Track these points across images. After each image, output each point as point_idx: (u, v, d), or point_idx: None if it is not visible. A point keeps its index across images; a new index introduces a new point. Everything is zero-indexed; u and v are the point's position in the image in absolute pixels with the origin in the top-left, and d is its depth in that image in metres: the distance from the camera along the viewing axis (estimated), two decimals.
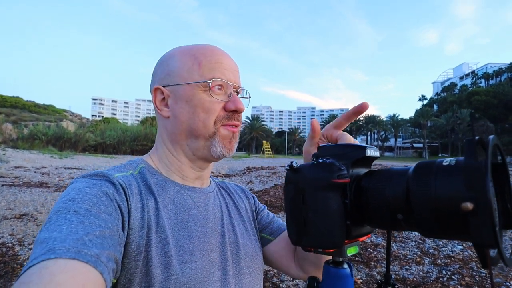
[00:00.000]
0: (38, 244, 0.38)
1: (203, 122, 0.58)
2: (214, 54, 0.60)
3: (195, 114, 0.58)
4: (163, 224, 0.53)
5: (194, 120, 0.58)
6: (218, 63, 0.59)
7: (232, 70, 0.61)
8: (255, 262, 0.65)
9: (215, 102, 0.58)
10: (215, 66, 0.59)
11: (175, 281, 0.49)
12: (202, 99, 0.57)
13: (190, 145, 0.60)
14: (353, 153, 0.39)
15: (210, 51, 0.60)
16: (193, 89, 0.58)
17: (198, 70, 0.58)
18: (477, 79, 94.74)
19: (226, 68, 0.60)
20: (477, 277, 3.20)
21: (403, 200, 0.33)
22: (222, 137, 0.59)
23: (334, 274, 0.40)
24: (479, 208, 0.26)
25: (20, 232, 4.32)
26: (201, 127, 0.58)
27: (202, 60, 0.58)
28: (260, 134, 67.78)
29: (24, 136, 23.99)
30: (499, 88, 65.40)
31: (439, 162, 0.32)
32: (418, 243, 4.32)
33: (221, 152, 0.59)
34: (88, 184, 0.49)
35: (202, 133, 0.58)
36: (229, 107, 0.59)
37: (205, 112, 0.58)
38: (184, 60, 0.59)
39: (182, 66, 0.59)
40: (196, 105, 0.57)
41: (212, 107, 0.58)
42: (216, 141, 0.59)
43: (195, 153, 0.60)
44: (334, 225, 0.36)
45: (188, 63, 0.59)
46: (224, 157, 0.61)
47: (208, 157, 0.60)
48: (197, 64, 0.58)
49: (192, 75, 0.58)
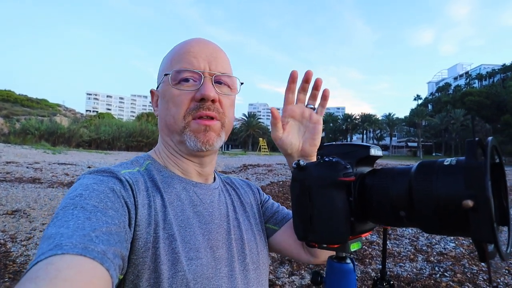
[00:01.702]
0: (45, 240, 0.38)
1: (173, 117, 0.58)
2: (186, 45, 0.59)
3: (168, 109, 0.58)
4: (170, 220, 0.53)
5: (167, 116, 0.59)
6: (186, 53, 0.58)
7: (203, 57, 0.58)
8: (260, 258, 0.65)
9: (182, 94, 0.57)
10: (183, 57, 0.58)
11: (182, 278, 0.50)
12: (172, 93, 0.58)
13: (173, 140, 0.61)
14: (358, 152, 0.41)
15: (184, 44, 0.60)
16: (166, 85, 0.59)
17: (170, 66, 0.59)
18: (470, 80, 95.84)
19: (195, 56, 0.57)
20: (469, 274, 3.27)
21: (405, 198, 0.34)
22: (194, 131, 0.57)
23: (337, 269, 0.41)
24: (479, 205, 0.27)
25: (12, 228, 4.27)
26: (172, 122, 0.58)
27: (174, 55, 0.59)
28: (257, 131, 67.70)
29: (16, 130, 23.64)
30: (492, 89, 66.30)
31: (440, 161, 0.33)
32: (412, 240, 4.39)
33: (196, 146, 0.57)
34: (95, 180, 0.49)
35: (174, 128, 0.58)
36: (196, 96, 0.56)
37: (175, 106, 0.57)
38: (165, 60, 0.62)
39: (163, 66, 0.62)
40: (168, 100, 0.58)
41: (180, 100, 0.57)
42: (187, 135, 0.57)
43: (179, 148, 0.61)
44: (339, 221, 0.37)
45: (167, 62, 0.61)
46: (204, 150, 0.58)
47: (189, 151, 0.60)
48: (169, 61, 0.59)
49: (165, 71, 0.59)
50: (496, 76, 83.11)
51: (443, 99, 77.06)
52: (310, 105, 0.64)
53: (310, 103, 0.64)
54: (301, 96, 0.64)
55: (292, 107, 0.63)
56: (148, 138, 28.02)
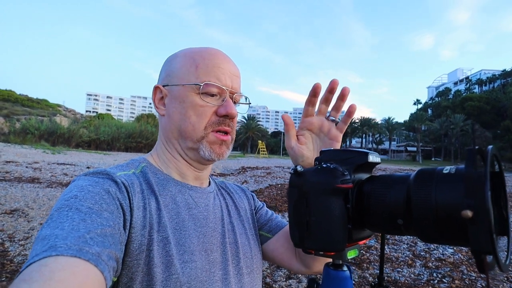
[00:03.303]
0: (40, 241, 0.38)
1: (193, 125, 0.58)
2: (213, 58, 0.60)
3: (186, 115, 0.58)
4: (165, 223, 0.53)
5: (185, 122, 0.58)
6: (215, 67, 0.59)
7: (229, 75, 0.60)
8: (254, 262, 0.65)
9: (207, 106, 0.58)
10: (212, 70, 0.59)
11: (176, 281, 0.50)
12: (194, 101, 0.58)
13: (182, 144, 0.61)
14: (356, 159, 0.40)
15: (210, 55, 0.60)
16: (187, 91, 0.58)
17: (194, 73, 0.58)
18: (471, 85, 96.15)
19: (224, 72, 0.59)
20: (467, 280, 3.26)
21: (403, 206, 0.34)
22: (210, 142, 0.59)
23: (334, 277, 0.41)
24: (478, 216, 0.27)
25: (11, 228, 4.25)
26: (191, 130, 0.58)
27: (200, 63, 0.59)
28: (256, 134, 67.72)
29: (16, 130, 23.60)
30: (492, 94, 66.51)
31: (439, 170, 0.33)
32: (410, 246, 4.38)
33: (210, 156, 0.59)
34: (91, 182, 0.49)
35: (190, 135, 0.59)
36: (220, 112, 0.59)
37: (197, 115, 0.58)
38: (184, 62, 0.60)
39: (181, 67, 0.60)
40: (188, 107, 0.58)
41: (204, 111, 0.58)
42: (203, 145, 0.59)
43: (186, 152, 0.61)
44: (336, 228, 0.37)
45: (186, 65, 0.60)
46: (216, 161, 0.60)
47: (198, 158, 0.61)
48: (194, 67, 0.59)
49: (189, 77, 0.59)
50: (496, 82, 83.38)
51: (443, 104, 77.27)
52: (332, 117, 0.60)
53: (332, 115, 0.60)
54: (322, 107, 0.60)
55: (311, 119, 0.60)
56: (147, 139, 27.98)
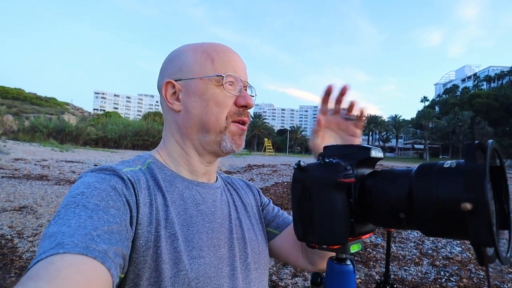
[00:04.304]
0: (47, 238, 0.38)
1: (215, 116, 0.59)
2: (225, 51, 0.62)
3: (207, 108, 0.59)
4: (172, 219, 0.53)
5: (207, 114, 0.59)
6: (230, 60, 0.61)
7: (241, 68, 0.63)
8: (261, 258, 0.65)
9: (227, 97, 0.59)
10: (227, 62, 0.61)
11: (184, 277, 0.50)
12: (215, 93, 0.59)
13: (201, 139, 0.61)
14: (358, 154, 0.41)
15: (221, 49, 0.62)
16: (206, 83, 0.59)
17: (211, 66, 0.59)
18: (479, 82, 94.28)
19: (237, 65, 0.62)
20: (475, 279, 3.22)
21: (405, 200, 0.34)
22: (232, 133, 0.60)
23: (337, 270, 0.41)
24: (477, 208, 0.27)
25: (20, 224, 4.34)
26: (214, 121, 0.59)
27: (215, 56, 0.60)
28: (262, 132, 67.71)
29: (25, 128, 24.00)
30: (500, 91, 65.15)
31: (440, 164, 0.33)
32: (417, 244, 4.34)
33: (231, 148, 0.61)
34: (97, 178, 0.49)
35: (213, 127, 0.59)
36: (240, 102, 0.60)
37: (218, 106, 0.59)
38: (196, 56, 0.60)
39: (195, 61, 0.60)
40: (209, 99, 0.59)
41: (225, 101, 0.59)
42: (226, 136, 0.60)
43: (205, 147, 0.61)
44: (339, 222, 0.38)
45: (201, 58, 0.60)
46: (232, 152, 0.62)
47: (217, 151, 0.62)
48: (210, 60, 0.60)
49: (205, 70, 0.59)
50: (505, 78, 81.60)
51: (451, 101, 76.01)
52: (346, 116, 0.62)
53: (347, 114, 0.62)
54: (336, 107, 0.62)
55: (328, 117, 0.63)
56: (154, 137, 28.19)
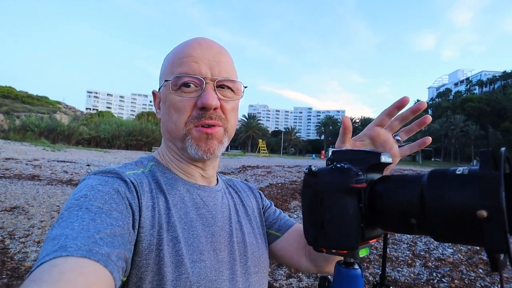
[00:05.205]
0: (50, 241, 0.38)
1: (175, 123, 0.56)
2: (186, 48, 0.57)
3: (169, 115, 0.57)
4: (174, 223, 0.53)
5: (168, 122, 0.58)
6: (187, 57, 0.56)
7: (205, 61, 0.56)
8: (261, 261, 0.65)
9: (185, 101, 0.55)
10: (183, 61, 0.56)
11: (186, 280, 0.50)
12: (173, 99, 0.56)
13: (176, 145, 0.60)
14: (368, 159, 0.41)
15: (184, 46, 0.58)
16: (167, 89, 0.57)
17: (170, 70, 0.57)
18: (471, 86, 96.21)
19: (196, 60, 0.55)
20: (467, 280, 3.27)
21: (417, 206, 0.35)
22: (195, 139, 0.56)
23: (346, 275, 0.41)
24: (493, 215, 0.28)
25: (11, 225, 4.25)
26: (174, 129, 0.57)
27: (174, 57, 0.57)
28: (256, 133, 67.79)
29: (16, 127, 23.60)
30: (492, 95, 66.51)
31: (452, 170, 0.34)
32: (410, 245, 4.39)
33: (197, 154, 0.56)
34: (100, 181, 0.49)
35: (176, 135, 0.57)
36: (198, 105, 0.55)
37: (177, 112, 0.56)
38: (166, 62, 0.60)
39: (163, 68, 0.60)
40: (169, 106, 0.57)
41: (182, 106, 0.55)
42: (188, 143, 0.56)
43: (182, 153, 0.60)
44: (350, 227, 0.38)
45: (167, 63, 0.59)
46: (206, 159, 0.57)
47: (191, 157, 0.59)
48: (170, 63, 0.58)
49: (166, 75, 0.58)
50: (496, 83, 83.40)
51: (443, 104, 77.26)
52: (398, 137, 0.58)
53: (399, 135, 0.58)
54: (394, 124, 0.57)
55: (380, 130, 0.58)
56: (147, 137, 27.96)
